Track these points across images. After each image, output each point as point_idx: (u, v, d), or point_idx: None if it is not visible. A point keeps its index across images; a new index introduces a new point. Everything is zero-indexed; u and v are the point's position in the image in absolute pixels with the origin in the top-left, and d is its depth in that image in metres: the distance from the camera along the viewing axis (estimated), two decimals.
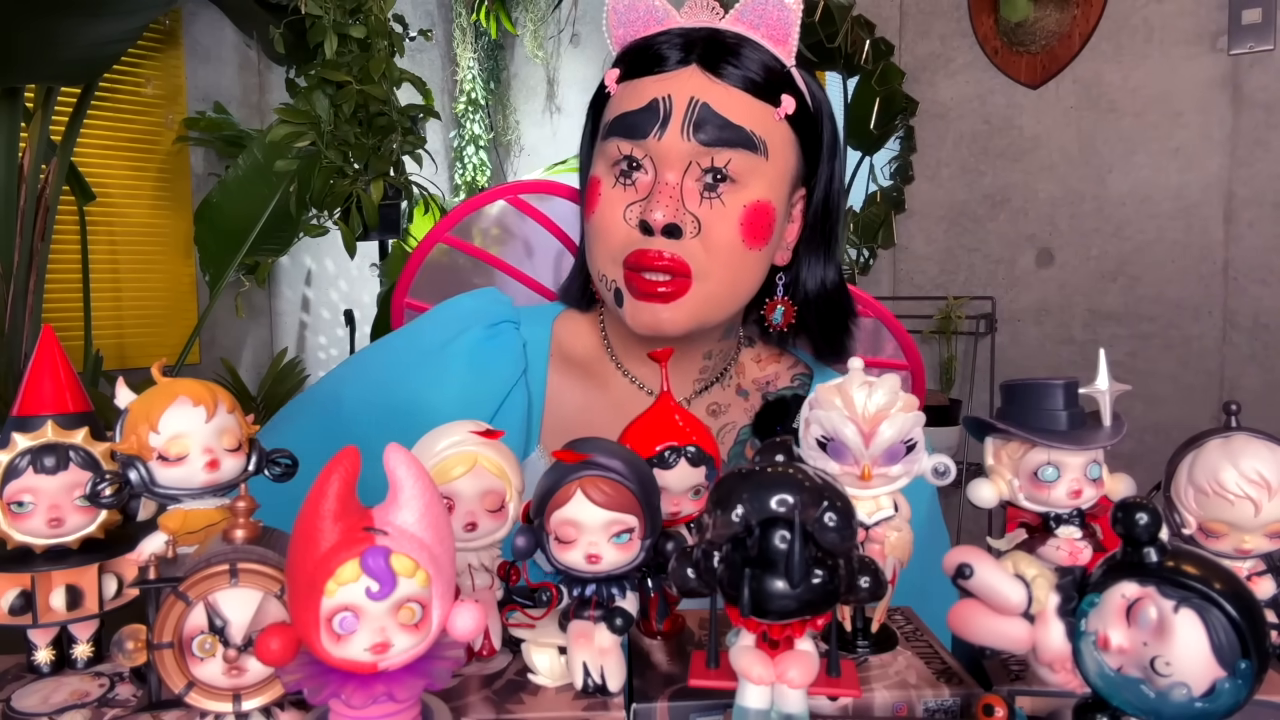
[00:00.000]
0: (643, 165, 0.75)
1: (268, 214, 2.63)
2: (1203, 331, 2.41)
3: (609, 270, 0.76)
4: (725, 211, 0.74)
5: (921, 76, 2.76)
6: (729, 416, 0.86)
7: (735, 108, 0.73)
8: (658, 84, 0.74)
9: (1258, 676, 0.34)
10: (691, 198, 0.74)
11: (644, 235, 0.73)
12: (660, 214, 0.72)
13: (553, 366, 0.85)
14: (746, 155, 0.74)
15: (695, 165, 0.74)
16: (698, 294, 0.74)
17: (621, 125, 0.75)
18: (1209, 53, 2.36)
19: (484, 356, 0.82)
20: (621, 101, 0.77)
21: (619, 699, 0.49)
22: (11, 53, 1.97)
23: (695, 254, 0.74)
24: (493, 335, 0.84)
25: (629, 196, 0.75)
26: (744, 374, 0.88)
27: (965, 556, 0.40)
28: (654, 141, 0.74)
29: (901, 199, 2.83)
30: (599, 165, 0.78)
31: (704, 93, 0.73)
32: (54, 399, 0.55)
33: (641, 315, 0.75)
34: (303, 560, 0.37)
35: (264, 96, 3.15)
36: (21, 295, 2.21)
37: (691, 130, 0.73)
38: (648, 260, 0.73)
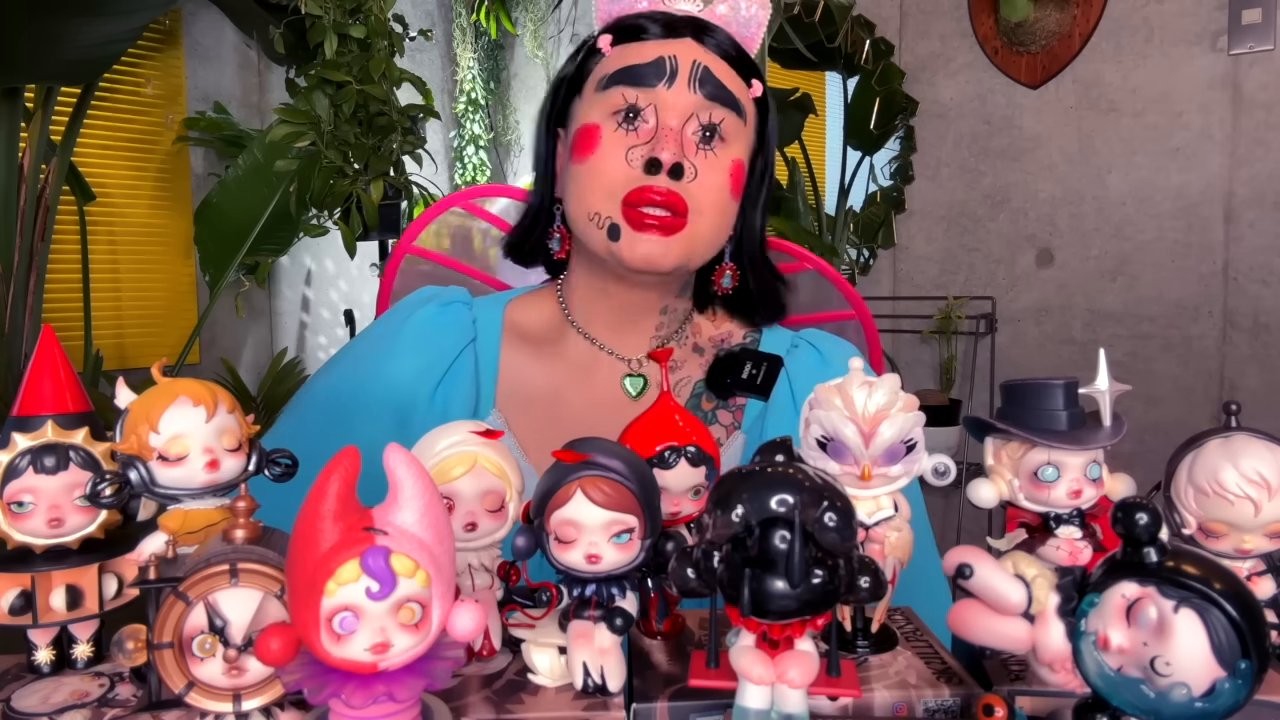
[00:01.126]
0: (644, 114, 0.81)
1: (268, 214, 2.63)
2: (1203, 331, 2.41)
3: (605, 207, 0.80)
4: (718, 162, 0.82)
5: (921, 76, 2.76)
6: (684, 371, 0.91)
7: (726, 76, 0.82)
8: (660, 46, 0.82)
9: (1258, 676, 0.34)
10: (689, 146, 0.81)
11: (647, 174, 0.79)
12: (669, 153, 0.78)
13: (506, 341, 0.91)
14: (734, 118, 0.83)
15: (695, 118, 0.81)
16: (690, 231, 0.80)
17: (628, 75, 0.81)
18: (1209, 53, 2.36)
19: (434, 328, 0.89)
20: (622, 58, 0.82)
21: (619, 699, 0.49)
22: (11, 53, 1.97)
23: (691, 195, 0.80)
24: (443, 311, 0.90)
25: (631, 140, 0.80)
26: (700, 332, 0.94)
27: (965, 556, 0.40)
28: (662, 91, 0.80)
29: (901, 199, 2.83)
30: (595, 112, 0.83)
31: (703, 59, 0.82)
32: (54, 399, 0.55)
33: (639, 248, 0.79)
34: (303, 560, 0.37)
35: (264, 96, 3.15)
36: (21, 295, 2.21)
37: (697, 85, 0.81)
38: (650, 195, 0.78)
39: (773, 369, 0.88)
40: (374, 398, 0.85)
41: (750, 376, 0.88)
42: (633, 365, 0.89)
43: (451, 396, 0.86)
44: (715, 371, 0.89)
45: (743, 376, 0.88)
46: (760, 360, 0.88)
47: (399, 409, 0.85)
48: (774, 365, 0.89)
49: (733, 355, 0.90)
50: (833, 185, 3.00)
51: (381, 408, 0.85)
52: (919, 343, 2.79)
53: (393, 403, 0.85)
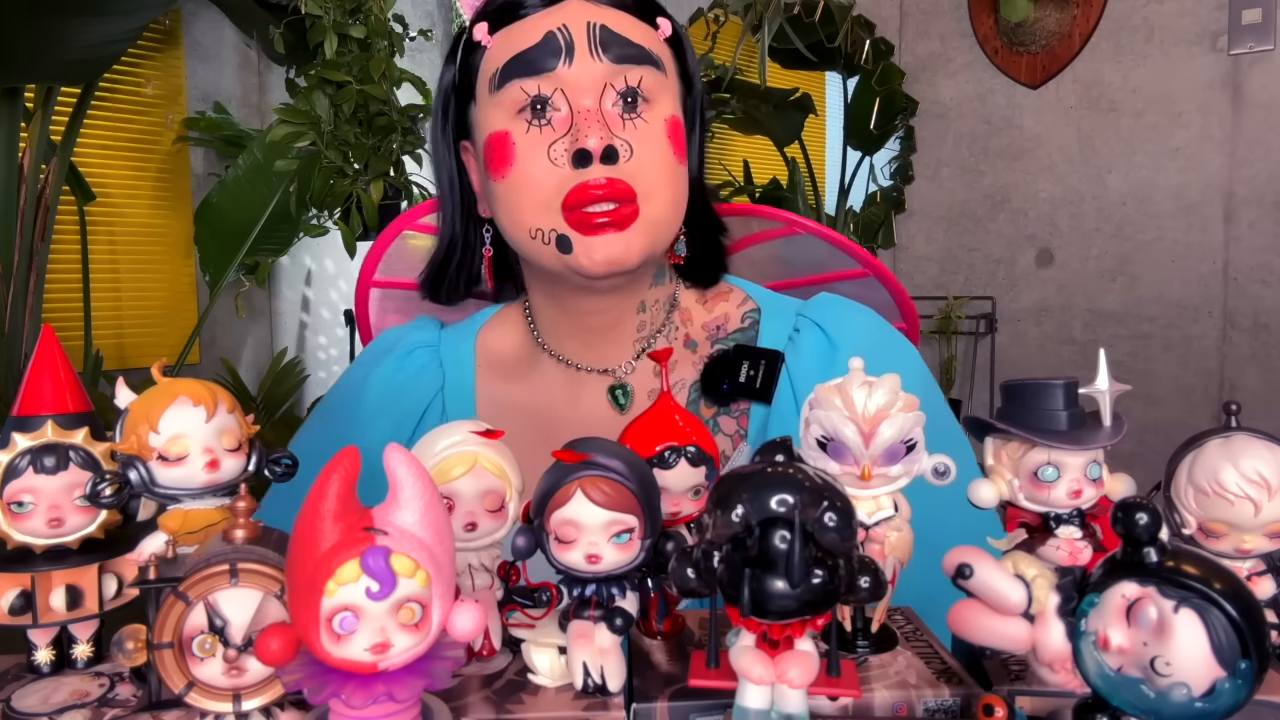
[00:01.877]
0: (552, 101, 0.71)
1: (268, 214, 2.63)
2: (1203, 331, 2.41)
3: (544, 221, 0.71)
4: (650, 129, 0.72)
5: (921, 76, 2.76)
6: (677, 374, 0.81)
7: (630, 28, 0.72)
8: (544, 18, 0.71)
9: (1258, 676, 0.34)
10: (614, 122, 0.71)
11: (578, 169, 0.69)
12: (595, 139, 0.69)
13: (481, 373, 0.85)
14: (653, 72, 0.73)
15: (610, 88, 0.71)
16: (647, 216, 0.71)
17: (520, 65, 0.71)
18: (1209, 53, 2.36)
19: (394, 387, 0.84)
20: (507, 45, 0.73)
21: (619, 699, 0.49)
22: (11, 53, 1.97)
23: (634, 176, 0.70)
24: (402, 365, 0.85)
25: (547, 137, 0.71)
26: (690, 321, 0.83)
27: (965, 556, 0.40)
28: (564, 70, 0.70)
29: (901, 199, 2.83)
30: (497, 118, 0.73)
31: (597, 16, 0.71)
32: (54, 399, 0.55)
33: (596, 253, 0.70)
34: (303, 560, 0.37)
35: (264, 96, 3.15)
36: (21, 295, 2.21)
37: (600, 51, 0.71)
38: (589, 193, 0.69)
39: (771, 366, 0.79)
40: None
41: (749, 379, 0.78)
42: (617, 375, 0.82)
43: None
44: (709, 376, 0.80)
45: (740, 380, 0.79)
46: (757, 358, 0.79)
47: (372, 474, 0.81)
48: (772, 361, 0.79)
49: (725, 356, 0.81)
50: (833, 185, 3.01)
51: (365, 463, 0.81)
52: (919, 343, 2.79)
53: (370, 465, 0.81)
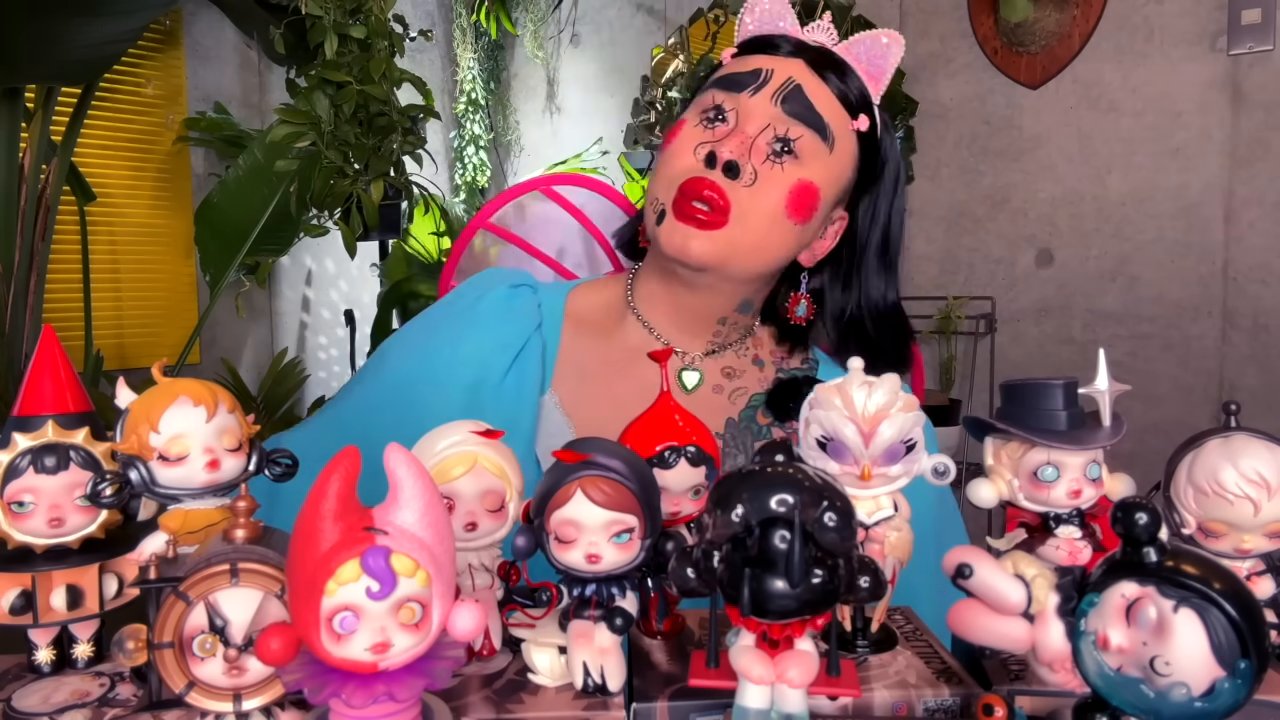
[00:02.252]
0: (727, 117, 0.82)
1: (268, 214, 2.63)
2: (1202, 331, 2.41)
3: (663, 193, 0.82)
4: (782, 176, 0.81)
5: (921, 76, 2.76)
6: (742, 381, 0.91)
7: (822, 100, 0.82)
8: (765, 59, 0.83)
9: (1257, 676, 0.34)
10: (758, 153, 0.81)
11: (704, 166, 0.80)
12: (727, 150, 0.79)
13: (566, 326, 0.93)
14: (816, 139, 0.82)
15: (772, 128, 0.81)
16: (729, 234, 0.80)
17: (723, 80, 0.84)
18: (1209, 53, 2.36)
19: (506, 309, 0.91)
20: (730, 66, 0.86)
21: (619, 699, 0.49)
22: (11, 53, 1.97)
23: (740, 199, 0.80)
24: (513, 294, 0.92)
25: (705, 137, 0.82)
26: (761, 347, 0.94)
27: (965, 556, 0.40)
28: (745, 97, 0.82)
29: None
30: (690, 111, 0.86)
31: (801, 78, 0.82)
32: (54, 399, 0.55)
33: (675, 236, 0.80)
34: (303, 560, 0.37)
35: (264, 96, 3.15)
36: (22, 295, 2.21)
37: (781, 99, 0.81)
38: (698, 186, 0.79)
39: None
40: (448, 375, 0.87)
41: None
42: (687, 360, 0.90)
43: (523, 378, 0.87)
44: (777, 395, 0.90)
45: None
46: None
47: (471, 387, 0.86)
48: None
49: (795, 380, 0.91)
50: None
51: (454, 385, 0.86)
52: (919, 343, 2.79)
53: (466, 380, 0.86)
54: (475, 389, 0.86)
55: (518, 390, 0.86)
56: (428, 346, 0.90)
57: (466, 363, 0.87)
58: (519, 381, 0.87)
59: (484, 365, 0.87)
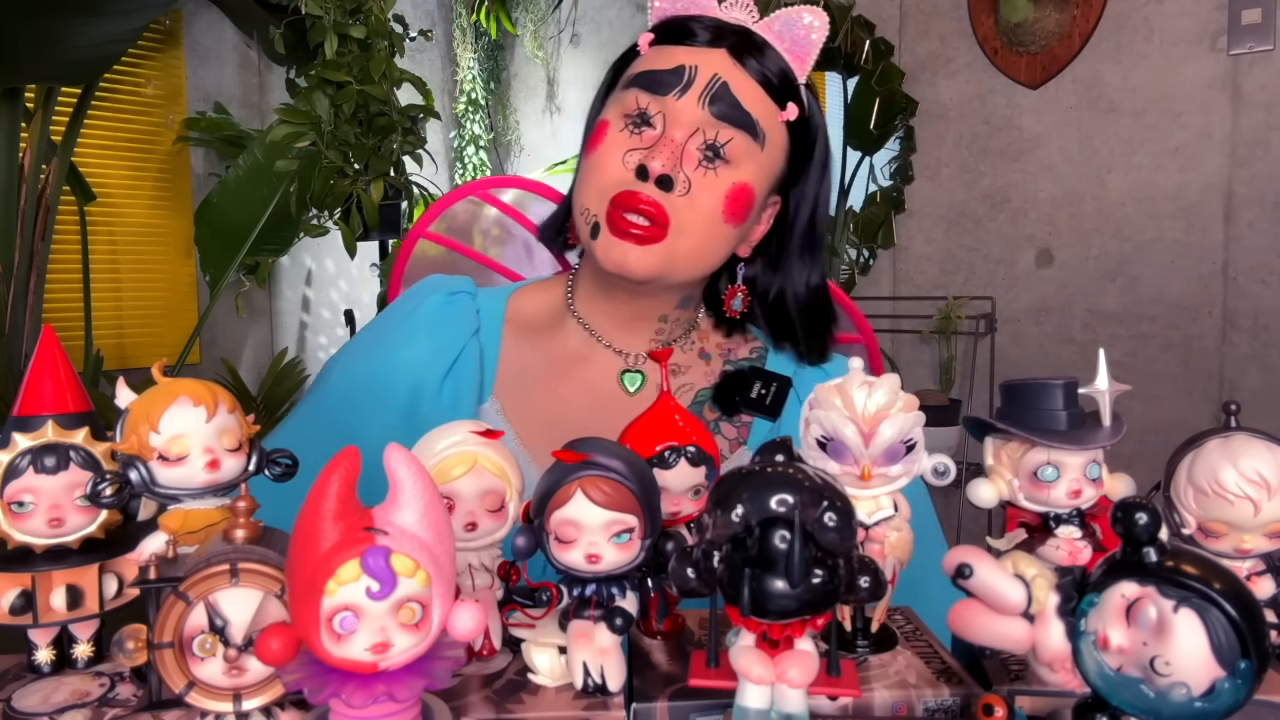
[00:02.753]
0: (653, 121, 0.80)
1: (268, 214, 2.63)
2: (1203, 331, 2.41)
3: (593, 204, 0.80)
4: (716, 182, 0.79)
5: (921, 76, 2.76)
6: (687, 377, 0.91)
7: (749, 96, 0.80)
8: (687, 54, 0.80)
9: (1257, 676, 0.34)
10: (690, 160, 0.79)
11: (637, 179, 0.78)
12: (659, 163, 0.77)
13: (507, 331, 0.92)
14: (747, 140, 0.80)
15: (701, 133, 0.79)
16: (668, 246, 0.79)
17: (645, 79, 0.81)
18: (1209, 53, 2.36)
19: (442, 317, 0.90)
20: (650, 60, 0.82)
21: (619, 699, 0.49)
22: (11, 53, 1.97)
23: (677, 210, 0.78)
24: (450, 301, 0.91)
25: (633, 143, 0.80)
26: (707, 340, 0.93)
27: (965, 556, 0.40)
28: (672, 100, 0.79)
29: (901, 199, 2.83)
30: (611, 111, 0.83)
31: (726, 74, 0.79)
32: (54, 399, 0.55)
33: (612, 252, 0.79)
34: (303, 560, 0.37)
35: (264, 96, 3.15)
36: (22, 295, 2.21)
37: (708, 101, 0.79)
38: (633, 201, 0.77)
39: (782, 389, 0.88)
40: (387, 385, 0.86)
41: (759, 396, 0.87)
42: (629, 361, 0.89)
43: (460, 386, 0.86)
44: (723, 389, 0.89)
45: (751, 395, 0.87)
46: (769, 380, 0.88)
47: (410, 396, 0.85)
48: (784, 386, 0.88)
49: (741, 373, 0.89)
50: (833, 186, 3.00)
51: (393, 395, 0.85)
52: (919, 343, 2.79)
53: (405, 389, 0.86)
54: (413, 399, 0.85)
55: (455, 399, 0.85)
56: (367, 358, 0.90)
57: (403, 372, 0.86)
58: (456, 390, 0.86)
59: (420, 374, 0.86)
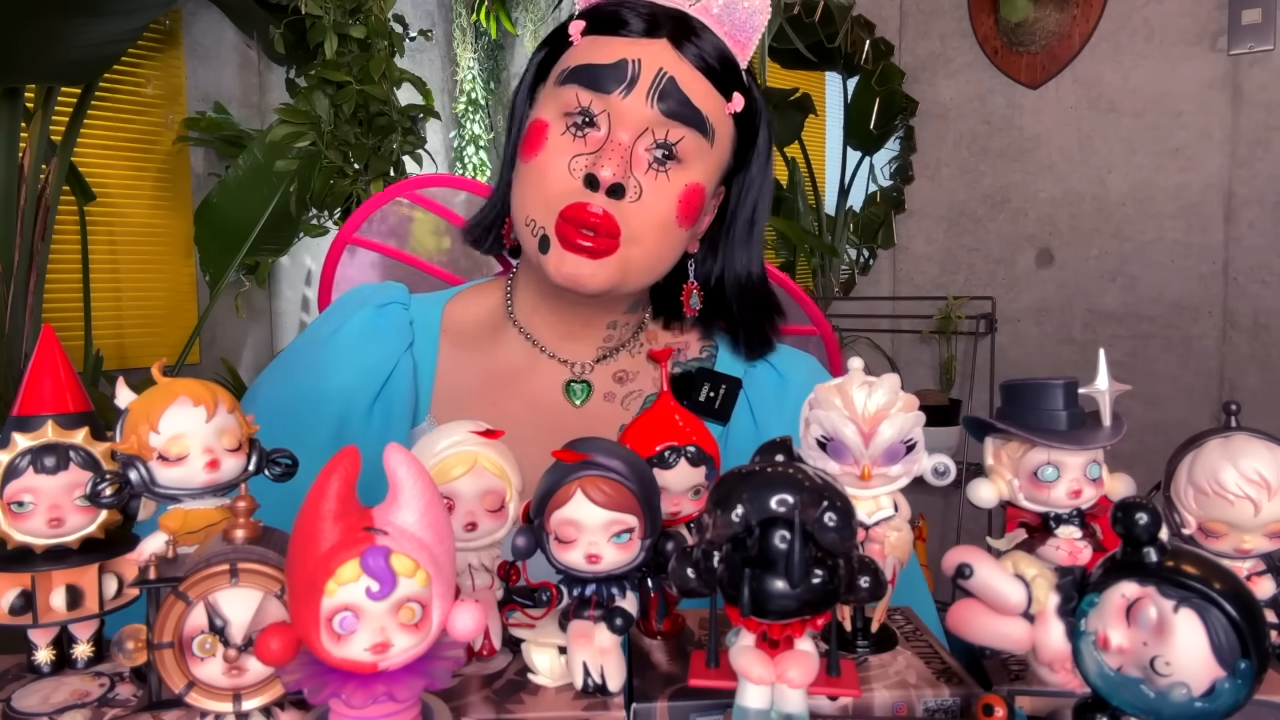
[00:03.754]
0: (597, 121, 0.75)
1: (268, 214, 2.63)
2: (1203, 331, 2.41)
3: (540, 216, 0.76)
4: (668, 185, 0.75)
5: (921, 76, 2.76)
6: (635, 384, 0.87)
7: (696, 90, 0.75)
8: (627, 46, 0.75)
9: (1258, 676, 0.34)
10: (639, 164, 0.75)
11: (585, 188, 0.74)
12: (609, 171, 0.73)
13: (444, 342, 0.86)
14: (697, 138, 0.76)
15: (650, 133, 0.75)
16: (622, 256, 0.75)
17: (585, 75, 0.75)
18: (1209, 53, 2.36)
19: (371, 333, 0.84)
20: (586, 53, 0.76)
21: (619, 699, 0.49)
22: (11, 53, 1.97)
23: (629, 218, 0.74)
24: (380, 314, 0.86)
25: (577, 148, 0.75)
26: (655, 340, 0.89)
27: (965, 556, 0.40)
28: (617, 99, 0.74)
29: (901, 199, 2.83)
30: (548, 109, 0.77)
31: (671, 67, 0.75)
32: (54, 399, 0.55)
33: (565, 267, 0.75)
34: (303, 560, 0.37)
35: (264, 96, 3.15)
36: (21, 295, 2.21)
37: (656, 98, 0.74)
38: (584, 214, 0.73)
39: (731, 391, 0.85)
40: (311, 413, 0.81)
41: (709, 399, 0.84)
42: (574, 371, 0.85)
43: (391, 406, 0.82)
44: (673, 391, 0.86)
45: (700, 399, 0.84)
46: (718, 382, 0.85)
47: (337, 424, 0.81)
48: (733, 388, 0.85)
49: (689, 375, 0.86)
50: (833, 185, 3.00)
51: (320, 423, 0.80)
52: (919, 343, 2.79)
53: (331, 417, 0.81)
54: (341, 424, 0.80)
55: (386, 420, 0.81)
56: (294, 379, 0.84)
57: (331, 397, 0.81)
58: (388, 411, 0.81)
59: (349, 398, 0.81)
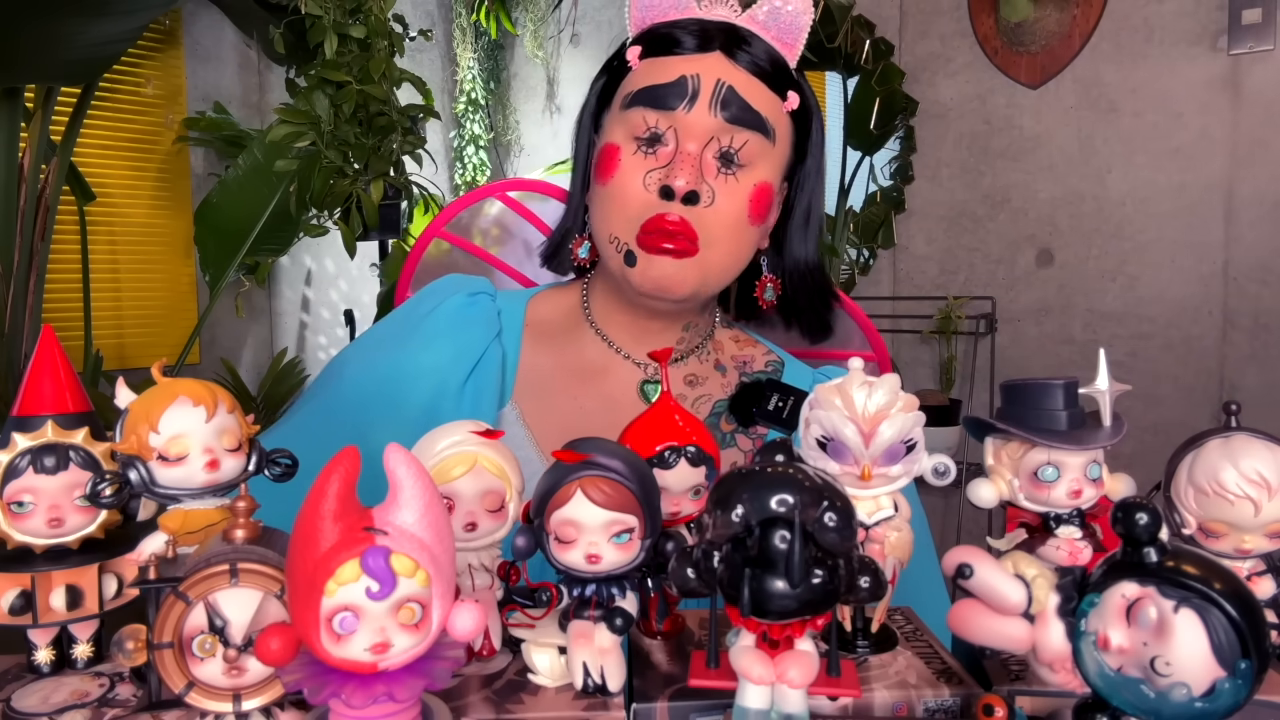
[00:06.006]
0: (664, 137, 0.79)
1: (268, 214, 2.63)
2: (1203, 331, 2.41)
3: (622, 232, 0.80)
4: (738, 187, 0.80)
5: (921, 76, 2.76)
6: (705, 389, 0.90)
7: (754, 94, 0.80)
8: (685, 63, 0.80)
9: (1258, 676, 0.34)
10: (709, 170, 0.79)
11: (662, 200, 0.78)
12: (683, 180, 0.77)
13: (526, 335, 0.91)
14: (760, 139, 0.80)
15: (716, 141, 0.79)
16: (701, 259, 0.79)
17: (649, 96, 0.80)
18: (1209, 53, 2.36)
19: (464, 318, 0.88)
20: (646, 75, 0.81)
21: (619, 699, 0.49)
22: (11, 53, 1.97)
23: (705, 223, 0.79)
24: (472, 302, 0.90)
25: (649, 164, 0.79)
26: (722, 351, 0.93)
27: (965, 556, 0.40)
28: (682, 114, 0.79)
29: (901, 199, 2.83)
30: (617, 133, 0.82)
31: (728, 77, 0.79)
32: (54, 399, 0.55)
33: (651, 271, 0.79)
34: (303, 560, 0.37)
35: (264, 96, 3.15)
36: (21, 295, 2.21)
37: (719, 107, 0.79)
38: (663, 224, 0.78)
39: (799, 402, 0.86)
40: (405, 388, 0.84)
41: (777, 408, 0.87)
42: (648, 372, 0.89)
43: (481, 389, 0.85)
44: (740, 400, 0.89)
45: (769, 408, 0.87)
46: (787, 393, 0.87)
47: (430, 399, 0.84)
48: (800, 399, 0.87)
49: (759, 384, 0.89)
50: (833, 185, 3.00)
51: (413, 398, 0.84)
52: (919, 343, 2.79)
53: (425, 393, 0.84)
54: (434, 401, 0.84)
55: (476, 402, 0.84)
56: (385, 358, 0.88)
57: (424, 374, 0.85)
58: (477, 393, 0.85)
59: (442, 377, 0.85)
